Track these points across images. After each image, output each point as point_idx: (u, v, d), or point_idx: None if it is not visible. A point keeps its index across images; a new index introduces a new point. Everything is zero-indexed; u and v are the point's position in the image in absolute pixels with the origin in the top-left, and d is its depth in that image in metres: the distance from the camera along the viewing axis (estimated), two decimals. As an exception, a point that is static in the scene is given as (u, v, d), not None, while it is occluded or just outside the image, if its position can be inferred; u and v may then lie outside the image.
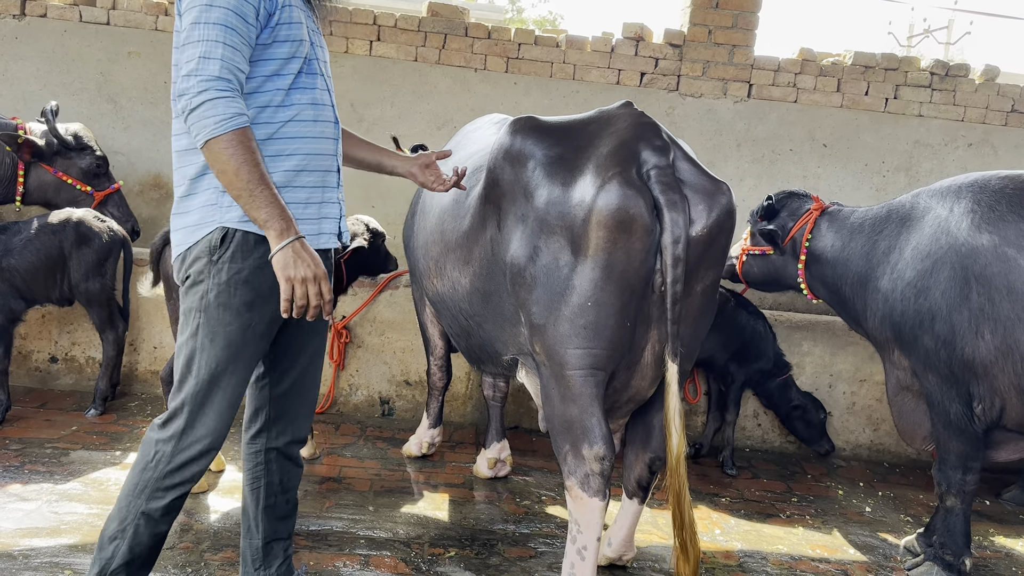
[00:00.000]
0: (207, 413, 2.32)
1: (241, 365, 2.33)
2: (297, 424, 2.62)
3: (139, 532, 2.34)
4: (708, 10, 5.99)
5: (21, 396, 4.57)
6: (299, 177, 2.35)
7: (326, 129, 2.42)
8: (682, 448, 2.69)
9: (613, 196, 2.53)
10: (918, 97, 6.19)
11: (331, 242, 2.49)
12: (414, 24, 5.95)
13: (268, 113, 2.29)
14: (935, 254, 3.31)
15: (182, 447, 2.31)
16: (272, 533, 2.66)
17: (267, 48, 2.27)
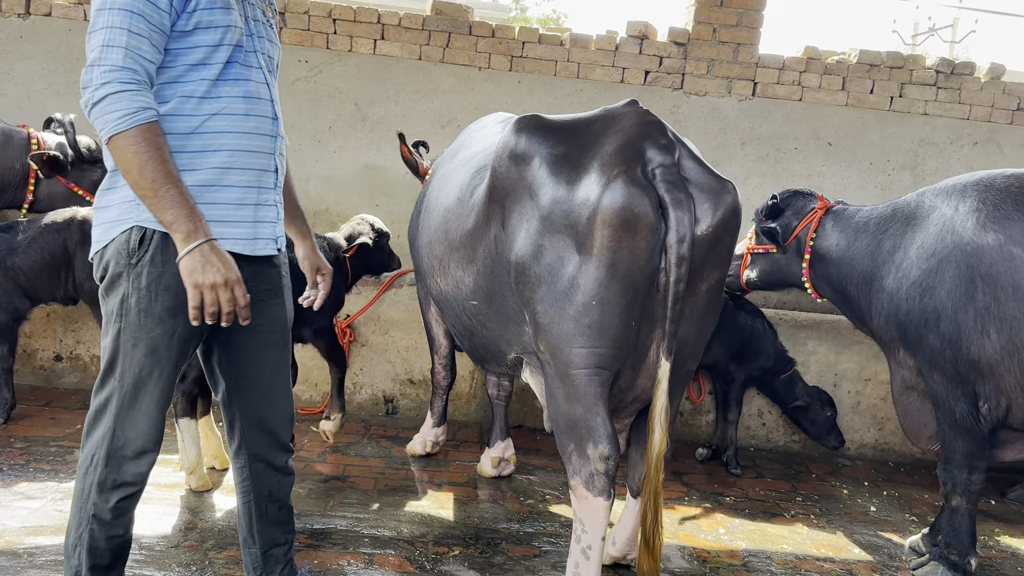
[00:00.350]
0: (136, 417, 2.24)
1: (168, 370, 2.25)
2: (276, 434, 2.54)
3: (94, 537, 2.30)
4: (713, 8, 5.97)
5: (26, 394, 4.58)
6: (229, 175, 2.23)
7: (261, 125, 2.30)
8: (663, 447, 2.68)
9: (618, 195, 2.51)
10: (923, 96, 6.17)
11: (269, 248, 2.37)
12: (418, 23, 5.94)
13: (192, 104, 2.18)
14: (940, 253, 3.30)
15: (115, 449, 2.24)
16: (270, 541, 2.61)
17: (188, 35, 2.16)
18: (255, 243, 2.32)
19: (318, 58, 5.87)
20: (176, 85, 2.17)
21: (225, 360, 2.46)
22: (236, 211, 2.26)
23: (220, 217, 2.22)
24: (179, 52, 2.16)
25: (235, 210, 2.25)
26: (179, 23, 2.13)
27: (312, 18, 5.86)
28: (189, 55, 2.17)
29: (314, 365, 4.88)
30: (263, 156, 2.32)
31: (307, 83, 5.91)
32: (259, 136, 2.30)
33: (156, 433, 2.29)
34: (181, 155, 2.17)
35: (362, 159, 5.97)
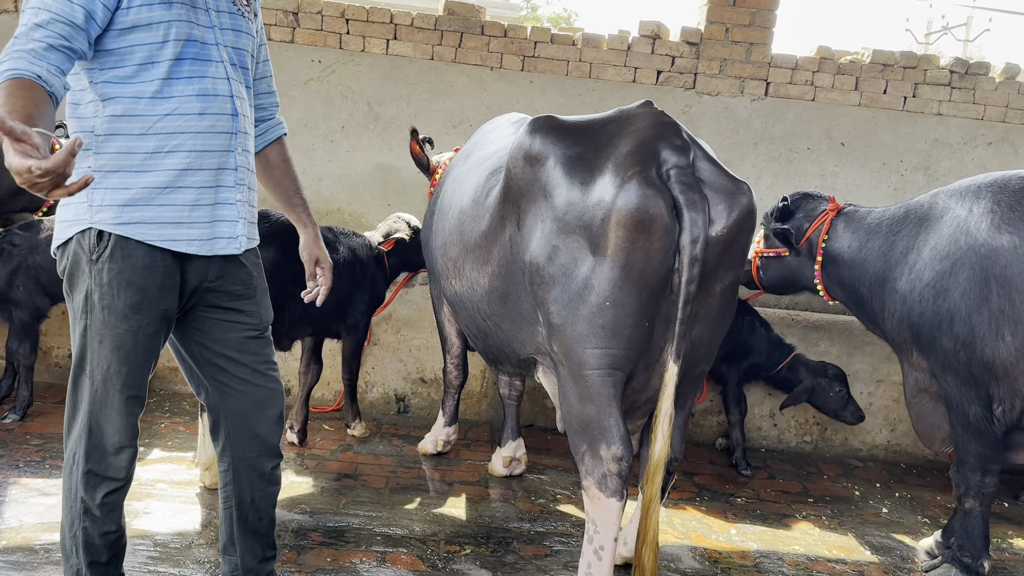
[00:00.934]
0: (108, 413, 2.25)
1: (136, 364, 2.24)
2: (261, 439, 2.50)
3: (88, 534, 2.32)
4: (725, 8, 5.96)
5: (42, 392, 4.61)
6: (185, 176, 2.20)
7: (217, 123, 2.25)
8: (664, 454, 2.66)
9: (633, 196, 2.51)
10: (937, 96, 6.14)
11: (230, 247, 2.33)
12: (431, 23, 5.95)
13: (143, 105, 2.15)
14: (954, 255, 3.29)
15: (93, 445, 2.25)
16: (250, 551, 2.58)
17: (127, 34, 2.11)
18: (213, 243, 2.29)
19: (331, 58, 5.90)
20: (126, 84, 2.14)
21: (204, 361, 2.44)
22: (192, 212, 2.23)
23: (175, 219, 2.21)
24: (124, 51, 2.12)
25: (191, 211, 2.23)
26: (117, 19, 2.09)
27: (325, 18, 5.89)
28: (134, 54, 2.12)
29: (327, 363, 4.90)
30: (221, 155, 2.27)
31: (320, 83, 5.94)
32: (216, 135, 2.25)
33: (131, 429, 2.30)
34: (132, 156, 2.15)
35: (375, 159, 5.99)
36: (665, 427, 2.63)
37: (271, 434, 2.52)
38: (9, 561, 2.93)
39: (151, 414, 4.52)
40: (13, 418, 4.19)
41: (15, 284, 4.20)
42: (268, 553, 2.63)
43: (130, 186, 2.16)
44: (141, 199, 2.17)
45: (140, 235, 2.17)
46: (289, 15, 5.87)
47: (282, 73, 5.96)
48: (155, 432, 4.26)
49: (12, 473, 3.61)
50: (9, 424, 4.15)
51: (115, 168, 2.15)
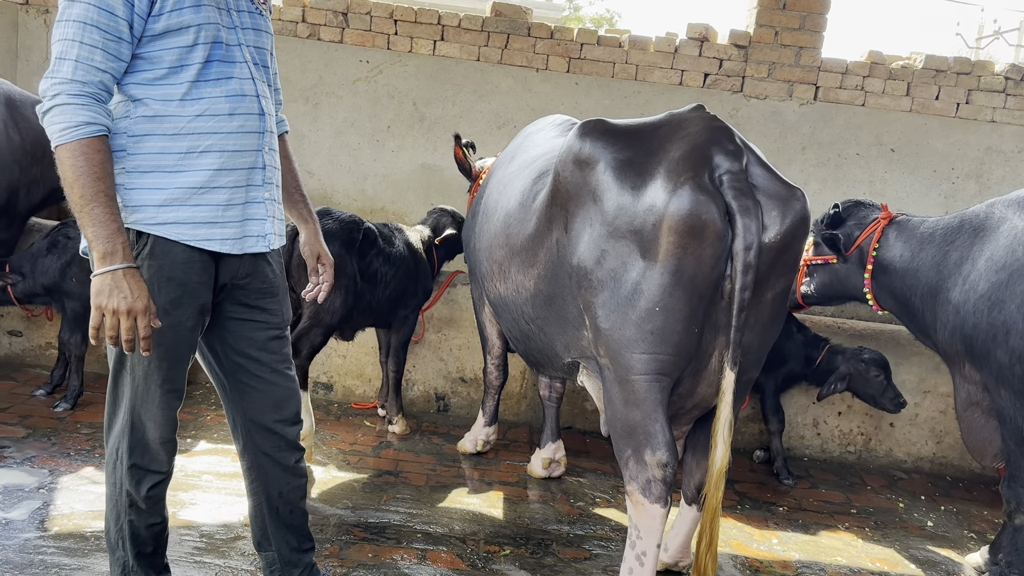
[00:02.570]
0: (150, 408, 2.28)
1: (176, 359, 2.28)
2: (280, 433, 2.52)
3: (135, 526, 2.37)
4: (775, 11, 5.91)
5: (92, 382, 4.71)
6: (218, 177, 2.22)
7: (247, 123, 2.27)
8: (725, 462, 2.63)
9: (685, 201, 2.49)
10: (991, 102, 6.03)
11: (259, 246, 2.36)
12: (477, 24, 5.98)
13: (174, 106, 2.17)
14: (1011, 266, 3.22)
15: (136, 439, 2.29)
16: (285, 543, 2.60)
17: (160, 38, 2.13)
18: (243, 242, 2.32)
19: (379, 58, 5.95)
20: (156, 86, 2.16)
21: (225, 359, 2.46)
22: (224, 212, 2.25)
23: (209, 218, 2.23)
24: (154, 55, 2.15)
25: (223, 211, 2.25)
26: (148, 27, 2.11)
27: (374, 19, 5.94)
28: (165, 57, 2.15)
29: (368, 361, 4.95)
30: (251, 155, 2.30)
31: (367, 83, 5.99)
32: (246, 135, 2.27)
33: (172, 422, 2.34)
34: (166, 156, 2.18)
35: (419, 159, 6.03)
36: (725, 434, 2.61)
37: (289, 431, 2.55)
38: (61, 547, 3.00)
39: (197, 406, 4.60)
40: (64, 407, 4.29)
41: (68, 276, 4.30)
42: (305, 544, 2.66)
43: (165, 186, 2.18)
44: (177, 199, 2.19)
45: (176, 235, 2.19)
46: (339, 15, 5.93)
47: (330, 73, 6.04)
48: (201, 424, 4.34)
49: (63, 461, 3.70)
50: (60, 413, 4.25)
51: (149, 168, 2.17)
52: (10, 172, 4.32)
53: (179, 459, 3.81)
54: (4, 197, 4.34)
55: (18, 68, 6.10)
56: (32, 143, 4.42)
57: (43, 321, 4.87)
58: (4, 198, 4.34)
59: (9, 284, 4.29)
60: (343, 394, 4.99)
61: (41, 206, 4.67)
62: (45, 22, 6.05)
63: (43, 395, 4.46)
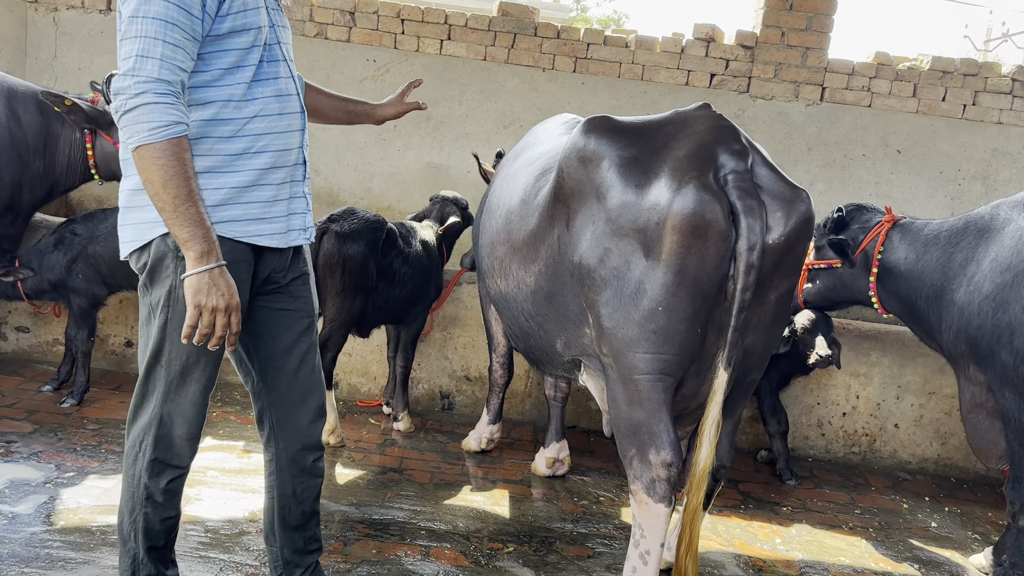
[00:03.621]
0: (182, 403, 2.29)
1: (214, 357, 2.30)
2: (304, 431, 2.54)
3: (149, 519, 2.37)
4: (782, 12, 5.91)
5: (98, 378, 4.74)
6: (267, 175, 2.26)
7: (293, 121, 2.32)
8: (709, 462, 2.63)
9: (689, 200, 2.49)
10: (998, 104, 6.02)
11: (300, 238, 2.41)
12: (484, 23, 5.99)
13: (232, 109, 2.19)
14: (1016, 267, 3.22)
15: (163, 434, 2.30)
16: (291, 544, 2.63)
17: (222, 39, 2.15)
18: (288, 235, 2.36)
19: (385, 57, 5.96)
20: (213, 89, 2.17)
21: (255, 349, 2.49)
22: (272, 207, 2.29)
23: (257, 215, 2.26)
24: (213, 56, 2.15)
25: (271, 207, 2.29)
26: (213, 28, 2.12)
27: (381, 18, 5.96)
28: (224, 58, 2.16)
29: (373, 359, 4.97)
30: (295, 152, 2.35)
31: (374, 82, 6.01)
32: (292, 133, 2.32)
33: (201, 419, 2.36)
34: (222, 158, 2.20)
35: (425, 158, 6.05)
36: (711, 434, 2.60)
37: (313, 425, 2.56)
38: (67, 541, 3.02)
39: (202, 403, 4.61)
40: (71, 403, 4.31)
41: (74, 272, 4.32)
42: (310, 547, 2.67)
43: (221, 186, 2.20)
44: (231, 198, 2.21)
45: (230, 232, 2.21)
46: (346, 14, 5.95)
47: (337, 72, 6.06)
48: (207, 420, 4.33)
49: (69, 456, 3.72)
50: (67, 408, 4.27)
51: (205, 169, 2.17)
52: (13, 167, 4.27)
53: (185, 455, 3.86)
54: (8, 193, 4.28)
55: (27, 65, 6.13)
56: (35, 137, 4.36)
57: (50, 317, 4.89)
58: (8, 194, 4.28)
59: (20, 279, 4.31)
60: (348, 391, 5.01)
61: (44, 201, 4.63)
62: (54, 20, 6.08)
63: (50, 391, 4.49)
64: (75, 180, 4.56)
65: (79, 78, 6.05)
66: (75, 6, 6.05)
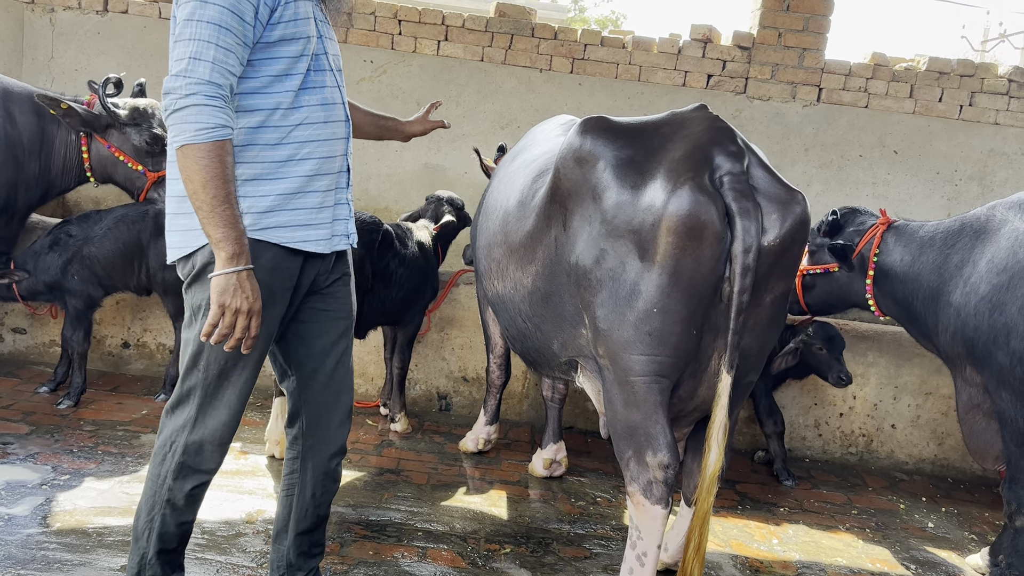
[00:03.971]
0: (217, 407, 2.31)
1: (250, 361, 2.31)
2: (333, 434, 2.57)
3: (166, 522, 2.37)
4: (779, 13, 5.91)
5: (94, 380, 4.73)
6: (313, 182, 2.30)
7: (338, 130, 2.36)
8: (719, 466, 2.62)
9: (684, 202, 2.48)
10: (995, 105, 6.03)
11: (343, 244, 2.46)
12: (481, 24, 5.99)
13: (278, 116, 2.23)
14: (1012, 268, 3.22)
15: (195, 437, 2.31)
16: (297, 545, 2.64)
17: (272, 47, 2.19)
18: (332, 241, 2.40)
19: (383, 58, 5.96)
20: (261, 96, 2.21)
21: (294, 349, 2.51)
22: (318, 214, 2.32)
23: (304, 221, 2.29)
24: (262, 63, 2.19)
25: (317, 213, 2.32)
26: (263, 35, 2.16)
27: (378, 19, 5.96)
28: (273, 66, 2.20)
29: (370, 359, 4.96)
30: (339, 159, 2.39)
31: (371, 83, 6.01)
32: (336, 141, 2.36)
33: (235, 424, 2.36)
34: (268, 165, 2.23)
35: (422, 159, 6.05)
36: (719, 438, 2.58)
37: (342, 427, 2.59)
38: (63, 543, 3.01)
39: (199, 404, 4.61)
40: (67, 404, 4.30)
41: (70, 273, 4.32)
42: (314, 551, 2.69)
43: (268, 193, 2.23)
44: (278, 205, 2.25)
45: (277, 238, 2.24)
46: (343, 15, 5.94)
47: (334, 72, 6.04)
48: (203, 422, 4.35)
49: (66, 458, 3.72)
50: (63, 410, 4.27)
51: (251, 177, 2.21)
52: (8, 169, 4.25)
53: (181, 456, 3.86)
54: (3, 194, 4.26)
55: (23, 66, 6.13)
56: (30, 138, 4.34)
57: (47, 319, 4.89)
58: (3, 195, 4.27)
59: (15, 281, 4.31)
60: (345, 393, 5.00)
61: (40, 202, 4.63)
62: (51, 21, 6.08)
63: (46, 392, 4.48)
64: (71, 182, 4.54)
65: (76, 79, 6.05)
66: (72, 7, 6.05)
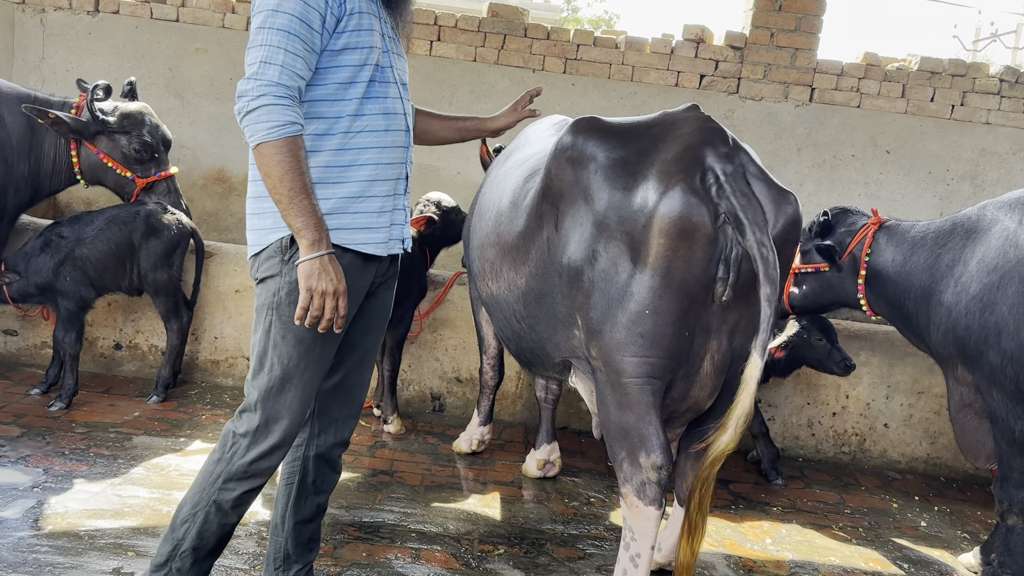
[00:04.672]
0: (280, 411, 2.36)
1: (312, 361, 2.36)
2: (339, 425, 2.63)
3: (209, 520, 2.41)
4: (771, 13, 5.92)
5: (86, 381, 4.71)
6: (372, 187, 2.38)
7: (397, 138, 2.45)
8: (731, 447, 2.60)
9: (676, 203, 2.49)
10: (986, 104, 6.05)
11: (398, 247, 2.53)
12: (474, 24, 5.99)
13: (344, 123, 2.32)
14: (1003, 267, 3.23)
15: (256, 442, 2.36)
16: (295, 535, 2.66)
17: (338, 55, 2.29)
18: (388, 244, 2.47)
19: (375, 58, 5.95)
20: (328, 103, 2.31)
21: None
22: (377, 218, 2.41)
23: (364, 225, 2.38)
24: (328, 70, 2.30)
25: (376, 217, 2.41)
26: (330, 43, 2.27)
27: (370, 18, 5.94)
28: (338, 74, 2.31)
29: (364, 361, 4.95)
30: (398, 167, 2.46)
31: (363, 82, 5.99)
32: (396, 149, 2.44)
33: (295, 428, 2.39)
34: (331, 169, 2.32)
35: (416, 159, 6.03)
36: (739, 422, 2.55)
37: (349, 420, 2.65)
38: (55, 546, 3.00)
39: (192, 405, 4.60)
40: (59, 406, 4.29)
41: (62, 275, 4.30)
42: (311, 544, 2.70)
43: (330, 196, 2.32)
44: (340, 208, 2.33)
45: (338, 240, 2.32)
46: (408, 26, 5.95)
47: (326, 72, 6.03)
48: (196, 424, 4.34)
49: (58, 460, 3.70)
50: (55, 412, 4.25)
51: (316, 180, 2.30)
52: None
53: (174, 458, 3.86)
54: None
55: (14, 67, 6.10)
56: (19, 139, 4.32)
57: (38, 320, 4.87)
58: None
59: (5, 284, 4.29)
60: (338, 394, 4.99)
61: (30, 204, 4.61)
62: (41, 21, 6.05)
63: (38, 394, 4.46)
64: (60, 183, 4.54)
65: (67, 79, 6.03)
66: (63, 7, 6.03)
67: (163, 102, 6.07)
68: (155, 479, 3.65)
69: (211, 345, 5.02)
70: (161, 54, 6.06)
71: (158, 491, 3.53)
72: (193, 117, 6.12)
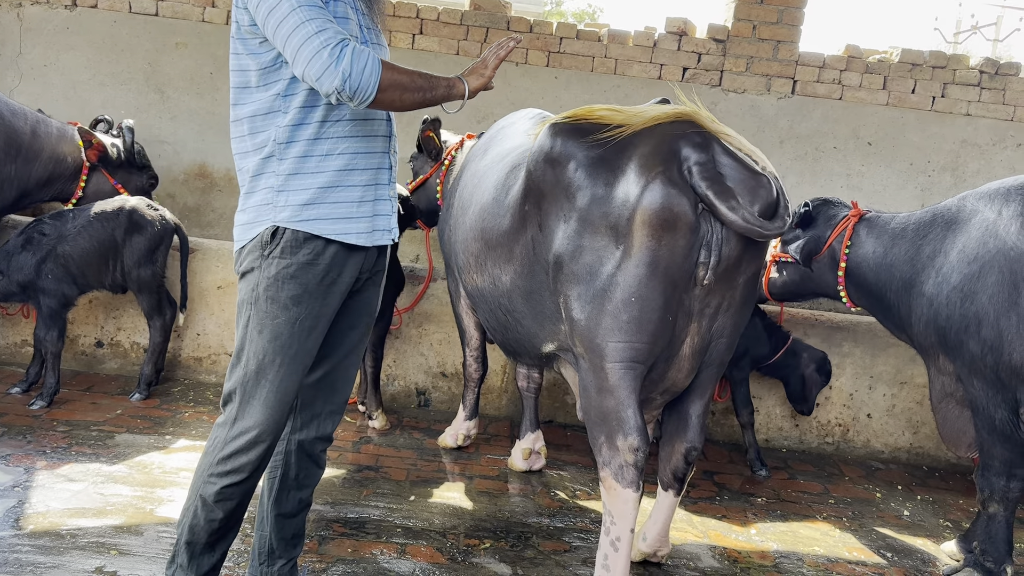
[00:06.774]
0: (253, 404, 2.35)
1: (288, 358, 2.35)
2: (322, 420, 2.62)
3: (196, 515, 2.41)
4: (753, 5, 5.93)
5: (68, 379, 4.67)
6: (350, 176, 2.37)
7: (377, 127, 2.44)
8: None
9: (657, 195, 2.57)
10: (966, 96, 6.09)
11: (384, 238, 2.52)
12: (456, 17, 5.97)
13: (317, 113, 2.31)
14: (983, 258, 3.26)
15: (232, 435, 2.36)
16: (278, 529, 2.66)
17: None
18: (372, 235, 2.46)
19: (357, 52, 5.92)
20: (302, 94, 2.29)
21: None
22: (358, 208, 2.40)
23: (344, 215, 2.37)
24: None
25: (356, 207, 2.40)
26: None
27: (352, 12, 5.91)
28: None
29: (348, 356, 4.93)
30: (379, 156, 2.45)
31: (346, 76, 5.96)
32: (375, 138, 2.43)
33: (272, 424, 2.37)
34: (308, 159, 2.32)
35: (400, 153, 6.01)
36: None
37: (332, 416, 2.64)
38: (36, 546, 2.98)
39: (175, 403, 4.57)
40: (40, 404, 4.25)
41: (43, 272, 4.26)
42: (295, 540, 2.70)
43: (308, 187, 2.33)
44: (317, 198, 2.33)
45: (317, 230, 2.33)
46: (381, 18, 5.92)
47: (308, 66, 6.00)
48: (179, 421, 4.31)
49: (39, 459, 3.67)
50: (36, 411, 4.21)
51: (295, 171, 2.32)
52: None
53: (157, 456, 3.83)
54: None
55: (-9, 62, 6.03)
56: (5, 140, 4.31)
57: (19, 318, 4.82)
58: None
59: (-12, 281, 4.24)
60: (323, 390, 4.97)
61: (13, 207, 4.59)
62: (18, 16, 5.98)
63: (19, 393, 4.42)
64: (47, 195, 4.65)
65: (44, 75, 5.97)
66: (40, 1, 5.96)
67: (143, 97, 6.02)
68: (138, 477, 3.62)
69: (194, 342, 4.99)
70: (140, 48, 6.00)
71: (141, 489, 3.51)
72: (173, 112, 6.07)
